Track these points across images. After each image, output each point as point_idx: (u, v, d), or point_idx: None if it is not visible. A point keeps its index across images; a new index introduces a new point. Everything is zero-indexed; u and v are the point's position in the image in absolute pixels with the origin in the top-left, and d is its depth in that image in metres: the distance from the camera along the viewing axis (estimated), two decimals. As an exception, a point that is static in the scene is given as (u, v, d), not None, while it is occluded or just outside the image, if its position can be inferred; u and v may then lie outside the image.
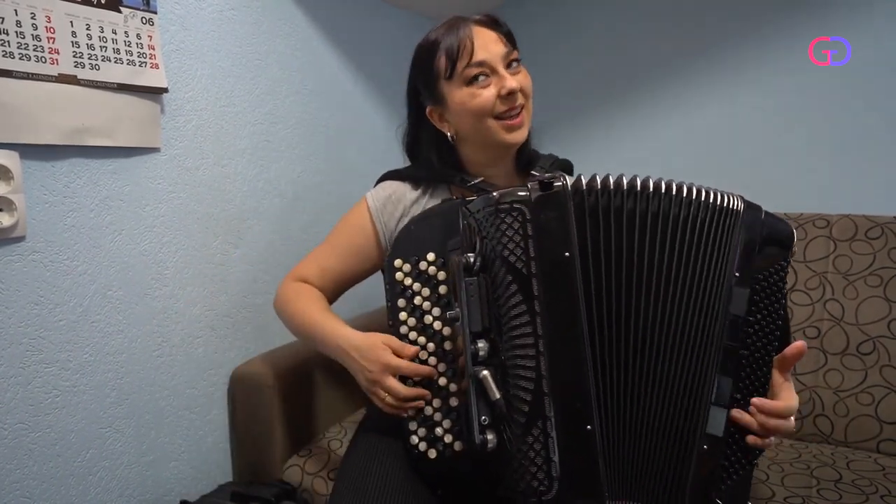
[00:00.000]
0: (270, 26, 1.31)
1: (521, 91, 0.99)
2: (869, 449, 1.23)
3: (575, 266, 0.79)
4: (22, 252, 0.91)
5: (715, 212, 0.82)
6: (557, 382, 0.78)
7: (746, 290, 0.80)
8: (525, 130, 1.01)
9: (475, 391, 0.80)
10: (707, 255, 0.81)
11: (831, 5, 1.51)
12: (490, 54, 0.98)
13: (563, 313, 0.79)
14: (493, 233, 0.80)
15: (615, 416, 0.79)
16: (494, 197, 0.81)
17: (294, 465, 1.17)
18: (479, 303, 0.81)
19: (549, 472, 0.77)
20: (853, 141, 1.50)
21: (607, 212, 0.80)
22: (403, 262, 0.91)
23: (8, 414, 0.91)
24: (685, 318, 0.80)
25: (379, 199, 1.06)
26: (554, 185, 0.80)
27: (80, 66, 0.95)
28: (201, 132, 1.17)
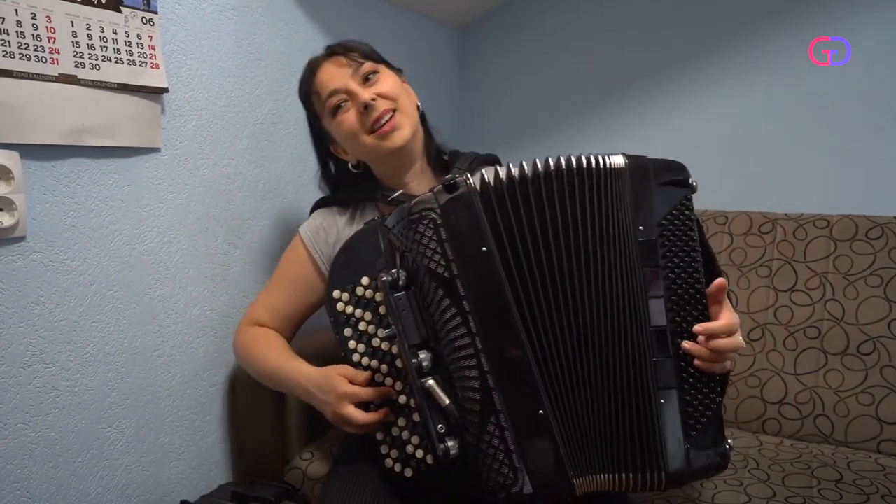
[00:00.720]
0: (271, 26, 1.31)
1: (382, 97, 1.02)
2: (869, 449, 1.23)
3: (494, 257, 0.80)
4: (22, 252, 0.91)
5: (601, 175, 0.83)
6: (501, 375, 0.78)
7: (654, 239, 0.81)
8: (404, 131, 1.03)
9: (426, 402, 0.81)
10: (606, 218, 0.82)
11: (831, 5, 1.51)
12: (339, 80, 1.03)
13: (493, 305, 0.79)
14: (411, 245, 0.82)
15: (565, 394, 0.80)
16: (406, 208, 0.83)
17: (295, 467, 1.16)
18: (413, 315, 0.81)
19: (512, 464, 0.78)
20: (853, 141, 1.50)
21: (514, 198, 0.81)
22: (341, 293, 0.93)
23: (8, 414, 0.90)
24: (606, 281, 0.81)
25: (311, 230, 1.11)
26: (458, 183, 0.81)
27: (81, 66, 0.95)
28: (202, 132, 1.17)
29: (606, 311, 0.81)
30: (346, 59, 1.04)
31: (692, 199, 0.84)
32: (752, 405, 1.33)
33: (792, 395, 1.30)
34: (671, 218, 0.82)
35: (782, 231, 1.41)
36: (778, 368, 1.33)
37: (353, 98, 1.02)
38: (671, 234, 0.82)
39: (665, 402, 0.79)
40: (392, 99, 1.02)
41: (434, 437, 0.80)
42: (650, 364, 0.80)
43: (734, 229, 1.46)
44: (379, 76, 1.04)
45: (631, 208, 0.82)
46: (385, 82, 1.04)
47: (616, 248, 0.81)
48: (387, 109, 1.01)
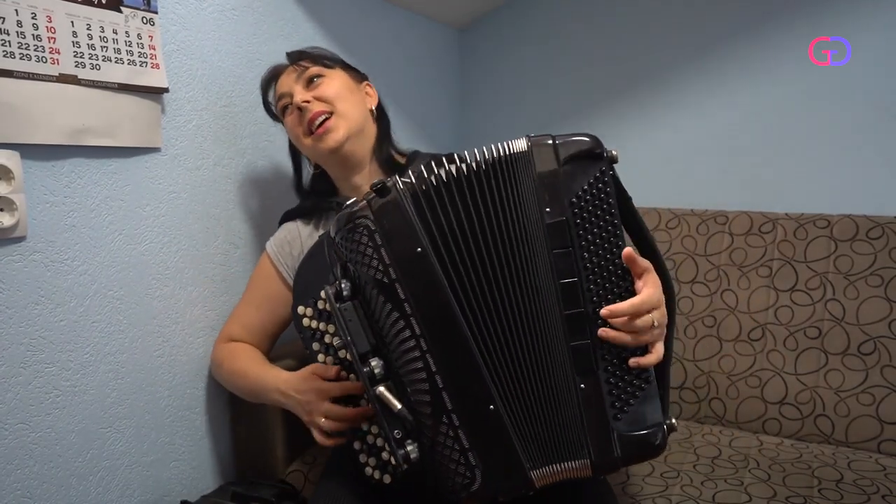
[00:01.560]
0: (271, 26, 1.31)
1: (319, 99, 1.03)
2: (870, 449, 1.23)
3: (430, 257, 0.79)
4: (23, 252, 0.91)
5: (503, 163, 0.80)
6: (449, 373, 0.78)
7: (563, 218, 0.78)
8: (338, 133, 1.03)
9: (381, 409, 0.80)
10: (510, 204, 0.80)
11: (831, 5, 1.51)
12: (285, 86, 1.07)
13: (434, 306, 0.78)
14: (351, 254, 0.81)
15: (513, 387, 0.79)
16: (342, 217, 0.82)
17: (297, 470, 1.16)
18: (360, 324, 0.81)
19: (469, 462, 0.78)
20: (854, 141, 1.50)
21: (440, 195, 0.80)
22: (305, 308, 0.94)
23: (9, 414, 0.90)
24: (522, 269, 0.80)
25: (276, 244, 1.12)
26: (388, 188, 0.80)
27: (81, 66, 0.95)
28: (202, 132, 1.17)
29: (528, 299, 0.79)
30: (294, 66, 1.07)
31: (611, 171, 0.80)
32: (752, 405, 1.33)
33: (792, 395, 1.30)
34: (584, 194, 0.79)
35: (783, 231, 1.41)
36: (778, 368, 1.33)
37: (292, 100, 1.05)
38: (585, 210, 0.78)
39: (585, 386, 0.78)
40: (328, 102, 1.03)
41: (392, 444, 0.80)
42: (569, 349, 0.78)
43: (735, 229, 1.46)
44: (323, 80, 1.05)
45: (537, 190, 0.79)
46: (328, 85, 1.04)
47: (525, 235, 0.79)
48: (321, 111, 1.02)
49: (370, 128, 1.09)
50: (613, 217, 0.79)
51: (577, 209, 0.78)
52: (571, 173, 0.79)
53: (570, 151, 0.79)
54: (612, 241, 0.79)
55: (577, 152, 0.79)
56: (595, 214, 0.79)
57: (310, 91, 1.04)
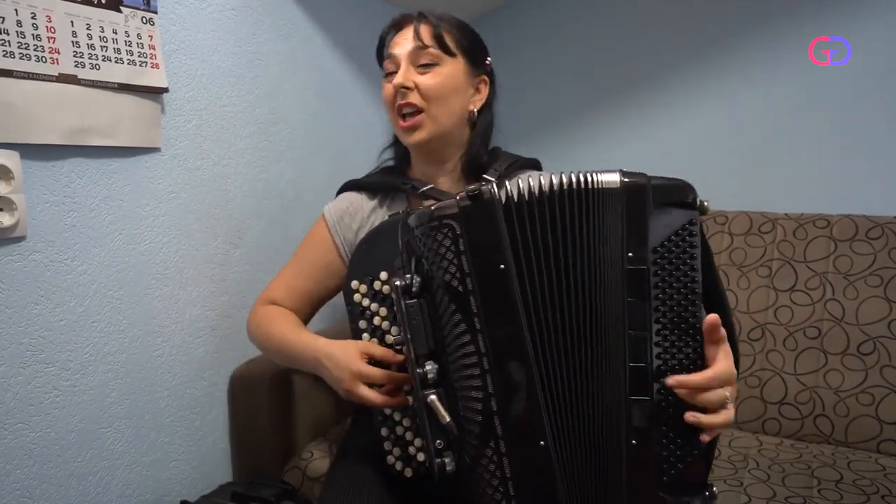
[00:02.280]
0: (271, 26, 1.31)
1: (419, 91, 0.97)
2: (869, 449, 1.23)
3: (511, 276, 0.75)
4: (22, 252, 0.91)
5: (592, 196, 0.76)
6: (505, 398, 0.75)
7: (644, 267, 0.74)
8: (421, 134, 0.98)
9: (427, 415, 0.78)
10: (597, 244, 0.75)
11: (831, 5, 1.51)
12: (399, 48, 1.00)
13: (505, 327, 0.75)
14: (428, 252, 0.78)
15: (567, 427, 0.76)
16: (427, 213, 0.78)
17: (294, 467, 1.16)
18: (423, 325, 0.78)
19: (507, 492, 0.75)
20: (853, 141, 1.50)
21: (532, 216, 0.76)
22: (360, 284, 0.91)
23: (8, 414, 0.90)
24: (595, 311, 0.75)
25: (336, 213, 1.07)
26: (482, 194, 0.76)
27: (81, 65, 0.95)
28: (202, 132, 1.17)
29: (596, 343, 0.76)
30: (417, 31, 0.98)
31: (699, 223, 0.74)
32: (752, 405, 1.33)
33: (792, 395, 1.30)
34: (669, 244, 0.74)
35: (782, 231, 1.41)
36: (778, 368, 1.33)
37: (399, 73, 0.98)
38: (668, 262, 0.74)
39: (636, 443, 0.74)
40: (425, 98, 0.97)
41: (431, 452, 0.79)
42: (625, 402, 0.74)
43: (734, 229, 1.46)
44: (434, 69, 0.98)
45: (622, 232, 0.74)
46: (435, 78, 0.98)
47: (603, 277, 0.75)
48: (412, 104, 0.97)
49: (462, 132, 1.04)
50: (695, 273, 0.74)
51: (659, 258, 0.74)
52: (661, 220, 0.74)
53: (663, 197, 0.74)
54: (689, 299, 0.74)
55: (669, 199, 0.75)
56: (677, 268, 0.74)
57: (416, 74, 0.98)
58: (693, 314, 0.74)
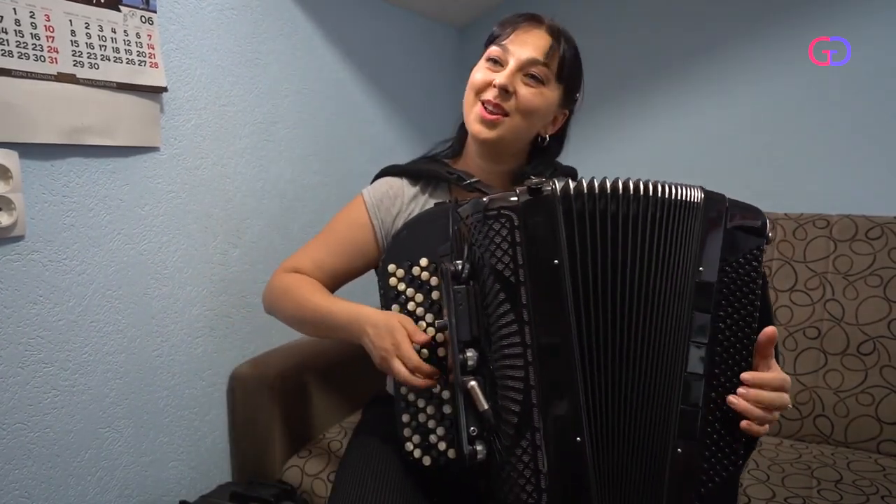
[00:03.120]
0: (270, 26, 1.31)
1: (517, 97, 0.96)
2: (869, 449, 1.23)
3: (564, 273, 0.77)
4: (21, 251, 0.91)
5: (675, 207, 0.79)
6: (546, 393, 0.76)
7: (713, 282, 0.77)
8: (495, 132, 0.97)
9: (463, 401, 0.78)
10: (670, 253, 0.79)
11: (831, 5, 1.51)
12: (518, 49, 0.97)
13: (553, 322, 0.77)
14: (482, 240, 0.79)
15: (605, 425, 0.77)
16: (483, 202, 0.80)
17: (293, 465, 1.16)
18: (468, 311, 0.79)
19: (538, 485, 0.76)
20: (853, 141, 1.50)
21: (593, 216, 0.78)
22: (397, 268, 0.90)
23: (6, 414, 0.90)
24: (657, 316, 0.78)
25: (376, 195, 1.05)
26: (543, 190, 0.78)
27: (80, 65, 0.94)
28: (201, 131, 1.16)
29: (651, 347, 0.78)
30: (542, 45, 0.98)
31: (763, 250, 0.79)
32: (751, 405, 1.33)
33: (791, 395, 1.29)
34: (737, 265, 0.78)
35: (782, 231, 1.41)
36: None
37: (501, 71, 0.96)
38: (733, 281, 0.78)
39: (682, 451, 0.76)
40: (518, 109, 0.97)
41: (464, 438, 0.78)
42: (676, 411, 0.76)
43: (734, 229, 1.46)
44: (542, 88, 0.98)
45: (696, 246, 0.78)
46: (537, 97, 0.98)
47: (672, 285, 0.78)
48: (501, 105, 0.96)
49: (524, 147, 1.05)
50: (756, 296, 0.78)
51: (726, 277, 0.78)
52: (733, 241, 0.78)
53: (739, 221, 0.79)
54: (748, 320, 0.77)
55: (744, 225, 0.79)
56: (741, 289, 0.78)
57: (520, 81, 0.96)
58: (748, 334, 0.77)
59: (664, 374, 0.77)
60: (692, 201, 0.80)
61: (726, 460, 0.76)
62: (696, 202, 0.80)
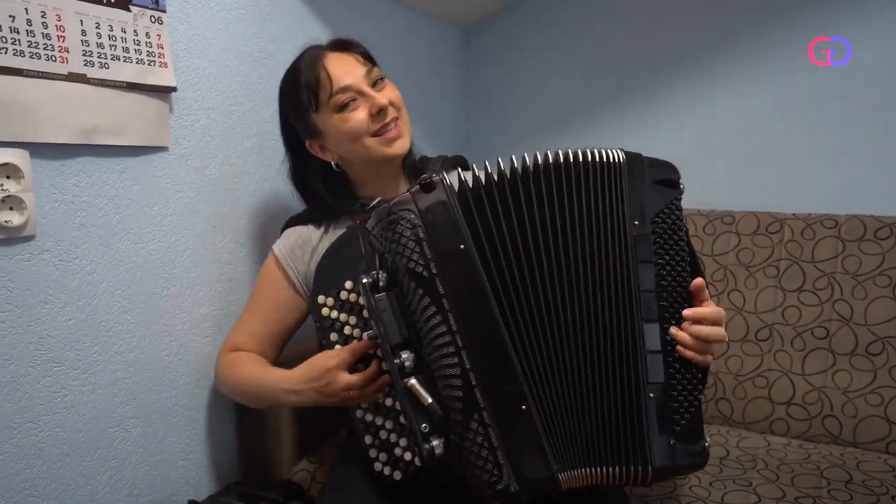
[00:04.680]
0: (278, 25, 1.31)
1: (392, 104, 1.03)
2: (878, 450, 1.23)
3: (472, 255, 0.81)
4: (32, 251, 0.91)
5: (599, 168, 0.84)
6: (482, 371, 0.79)
7: (648, 234, 0.83)
8: (405, 141, 1.05)
9: (409, 402, 0.81)
10: (602, 210, 0.83)
11: (831, 5, 1.50)
12: (353, 78, 1.02)
13: (473, 303, 0.80)
14: (390, 245, 0.82)
15: (548, 388, 0.81)
16: (384, 209, 0.83)
17: (303, 469, 1.16)
18: (394, 315, 0.82)
19: (497, 461, 0.78)
20: (861, 141, 1.50)
21: (491, 196, 0.82)
22: (326, 297, 0.93)
23: (17, 413, 0.90)
24: (596, 273, 0.82)
25: (286, 248, 1.08)
26: (433, 182, 0.82)
27: (90, 64, 0.95)
28: (209, 131, 1.16)
29: (595, 304, 0.82)
30: (358, 58, 1.04)
31: (680, 200, 0.86)
32: (759, 405, 1.33)
33: (800, 395, 1.30)
34: (662, 216, 0.84)
35: (790, 231, 1.41)
36: (786, 369, 1.32)
37: (366, 99, 1.02)
38: (664, 231, 0.83)
39: (653, 396, 0.81)
40: (397, 108, 1.04)
41: (418, 437, 0.81)
42: (642, 358, 0.81)
43: (742, 229, 1.46)
44: (385, 83, 1.05)
45: (627, 203, 0.83)
46: (394, 90, 1.05)
47: (610, 241, 0.83)
48: (394, 117, 1.03)
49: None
50: (684, 243, 0.84)
51: (657, 228, 0.83)
52: (655, 194, 0.84)
53: (658, 175, 0.85)
54: (682, 265, 0.84)
55: (663, 178, 0.85)
56: (671, 237, 0.84)
57: (380, 93, 1.03)
58: (684, 277, 0.84)
59: (620, 325, 0.82)
60: (616, 161, 0.85)
61: (691, 396, 0.82)
62: (619, 161, 0.85)
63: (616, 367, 0.81)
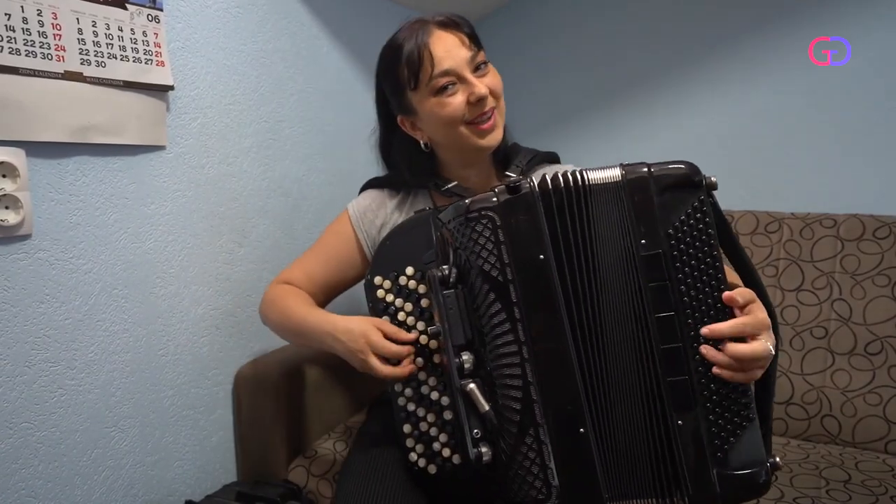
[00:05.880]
0: (276, 24, 1.31)
1: (492, 93, 0.98)
2: (877, 450, 1.22)
3: (550, 266, 0.77)
4: (28, 250, 0.91)
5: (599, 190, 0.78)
6: (545, 387, 0.77)
7: (660, 250, 0.75)
8: (499, 132, 1.00)
9: (464, 405, 0.79)
10: (611, 234, 0.77)
11: (831, 5, 1.50)
12: (455, 62, 0.96)
13: (545, 316, 0.77)
14: (466, 242, 0.79)
15: (605, 414, 0.77)
16: (464, 205, 0.80)
17: (299, 465, 1.16)
18: (460, 315, 0.80)
19: (547, 480, 0.76)
20: (860, 140, 1.50)
21: (571, 209, 0.78)
22: (383, 279, 0.92)
23: (13, 413, 0.90)
24: (618, 302, 0.77)
25: (360, 209, 1.09)
26: (521, 187, 0.78)
27: (87, 63, 0.94)
28: (206, 130, 1.16)
29: (623, 332, 0.77)
30: (463, 39, 0.98)
31: (709, 199, 0.76)
32: (758, 405, 1.32)
33: (799, 395, 1.30)
34: (681, 224, 0.76)
35: (789, 230, 1.40)
36: (784, 368, 1.32)
37: (466, 85, 0.96)
38: (683, 241, 0.75)
39: (683, 423, 0.75)
40: (496, 97, 0.99)
41: (469, 441, 0.79)
42: (664, 385, 0.75)
43: (740, 229, 1.45)
44: (488, 68, 0.99)
45: (632, 222, 0.76)
46: (495, 77, 1.00)
47: (618, 267, 0.77)
48: (492, 107, 0.98)
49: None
50: (713, 248, 0.76)
51: (674, 241, 0.75)
52: (668, 203, 0.76)
53: (666, 181, 0.76)
54: (712, 274, 0.75)
55: (674, 182, 0.76)
56: (693, 246, 0.76)
57: (481, 80, 0.97)
58: (716, 287, 0.75)
59: (640, 353, 0.76)
60: (609, 179, 0.77)
61: (736, 418, 0.75)
62: (613, 180, 0.77)
63: (646, 395, 0.76)
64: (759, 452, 0.75)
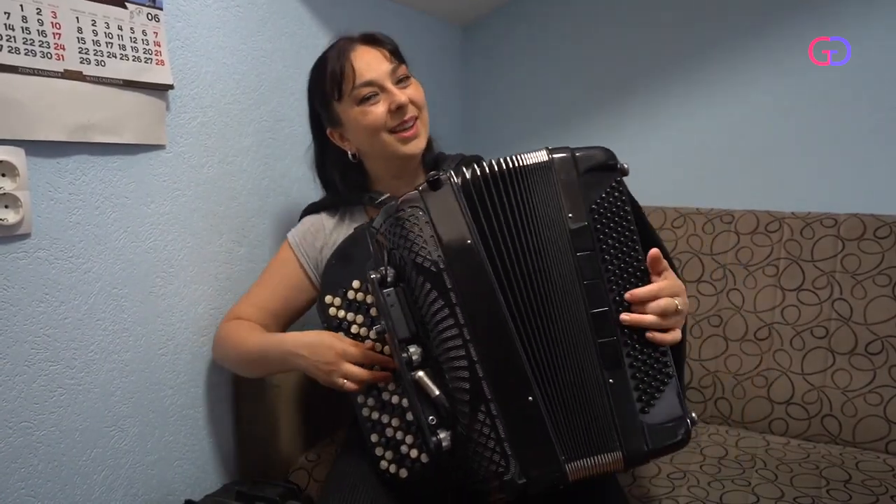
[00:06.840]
0: (275, 24, 1.30)
1: (413, 103, 1.04)
2: (877, 450, 1.22)
3: (478, 250, 0.82)
4: (27, 249, 0.91)
5: (526, 171, 0.85)
6: (490, 363, 0.81)
7: (584, 223, 0.83)
8: (422, 140, 1.06)
9: (417, 395, 0.82)
10: (536, 210, 0.84)
11: (831, 5, 1.50)
12: (376, 73, 1.03)
13: (479, 296, 0.82)
14: (398, 241, 0.84)
15: (551, 379, 0.82)
16: (392, 206, 0.85)
17: (301, 468, 1.16)
18: (402, 310, 0.83)
19: (504, 452, 0.79)
20: (861, 140, 1.50)
21: (490, 193, 0.84)
22: (333, 297, 0.95)
23: (13, 412, 0.90)
24: (551, 272, 0.83)
25: (298, 235, 1.12)
26: (441, 180, 0.84)
27: (86, 62, 0.94)
28: (206, 129, 1.16)
29: (558, 300, 0.83)
30: (385, 54, 1.05)
31: (623, 182, 0.86)
32: (759, 405, 1.32)
33: (799, 394, 1.29)
34: (601, 202, 0.84)
35: (789, 230, 1.40)
36: (785, 368, 1.32)
37: (387, 95, 1.03)
38: (603, 217, 0.84)
39: (614, 381, 0.82)
40: (418, 107, 1.05)
41: (426, 429, 0.82)
42: (596, 346, 0.82)
43: (741, 228, 1.45)
44: (410, 81, 1.06)
45: (561, 198, 0.84)
46: (417, 89, 1.06)
47: (550, 239, 0.83)
48: (413, 116, 1.04)
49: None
50: (630, 223, 0.84)
51: (597, 215, 0.84)
52: (589, 183, 0.84)
53: (587, 164, 0.85)
54: (630, 245, 0.84)
55: (594, 164, 0.85)
56: (613, 220, 0.84)
57: (402, 90, 1.04)
58: (635, 258, 0.84)
59: (574, 317, 0.83)
60: (537, 161, 0.85)
61: (659, 375, 0.83)
62: (542, 161, 0.85)
63: (583, 357, 0.82)
64: (679, 408, 0.83)
